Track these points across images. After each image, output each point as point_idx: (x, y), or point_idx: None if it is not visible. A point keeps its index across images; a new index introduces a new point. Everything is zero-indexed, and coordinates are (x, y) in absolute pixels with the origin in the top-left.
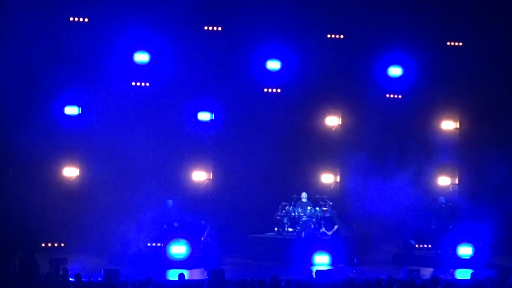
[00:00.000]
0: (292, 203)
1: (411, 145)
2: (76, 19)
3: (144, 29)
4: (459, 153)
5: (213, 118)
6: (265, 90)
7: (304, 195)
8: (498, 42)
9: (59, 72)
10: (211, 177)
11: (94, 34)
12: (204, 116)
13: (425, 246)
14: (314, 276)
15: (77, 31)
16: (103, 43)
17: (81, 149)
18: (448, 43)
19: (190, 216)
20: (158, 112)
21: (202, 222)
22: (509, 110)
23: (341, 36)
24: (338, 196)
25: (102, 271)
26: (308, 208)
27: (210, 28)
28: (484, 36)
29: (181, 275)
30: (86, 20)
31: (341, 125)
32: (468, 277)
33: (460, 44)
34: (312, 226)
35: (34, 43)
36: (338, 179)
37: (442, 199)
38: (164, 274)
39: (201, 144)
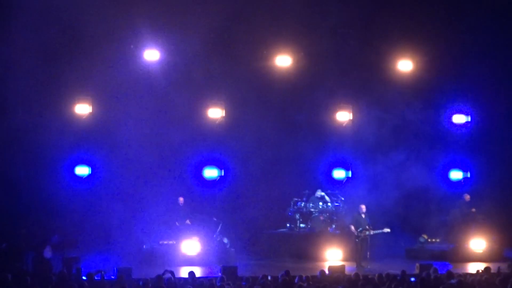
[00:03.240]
0: (304, 198)
1: (423, 139)
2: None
3: (154, 25)
4: (471, 146)
5: (223, 115)
6: (276, 86)
7: (319, 192)
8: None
9: (71, 65)
10: (222, 174)
11: (105, 30)
12: (215, 112)
13: (438, 240)
14: (327, 272)
15: (88, 27)
16: (115, 39)
17: (92, 147)
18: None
19: (202, 213)
20: (169, 108)
21: (214, 219)
22: None
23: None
24: (350, 192)
25: (115, 269)
26: (320, 203)
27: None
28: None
29: (191, 273)
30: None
31: (352, 120)
32: (481, 270)
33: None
34: (322, 221)
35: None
36: (350, 174)
37: (465, 196)
38: (177, 272)
39: (212, 140)
